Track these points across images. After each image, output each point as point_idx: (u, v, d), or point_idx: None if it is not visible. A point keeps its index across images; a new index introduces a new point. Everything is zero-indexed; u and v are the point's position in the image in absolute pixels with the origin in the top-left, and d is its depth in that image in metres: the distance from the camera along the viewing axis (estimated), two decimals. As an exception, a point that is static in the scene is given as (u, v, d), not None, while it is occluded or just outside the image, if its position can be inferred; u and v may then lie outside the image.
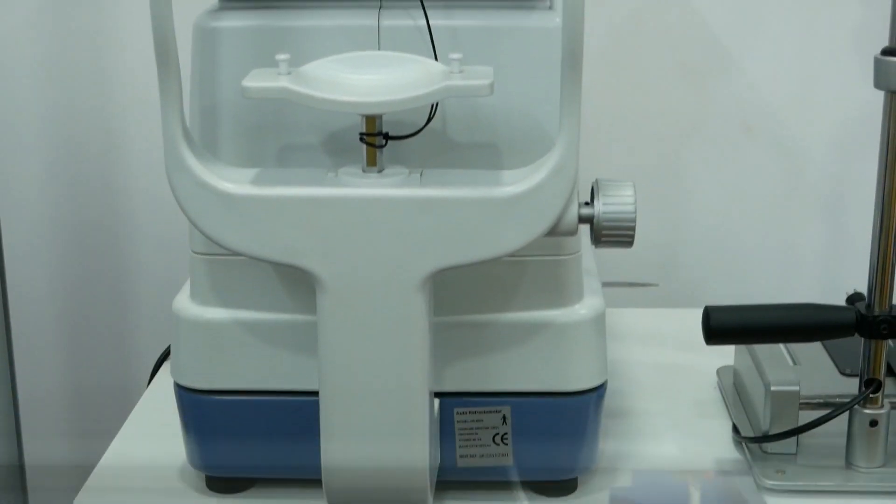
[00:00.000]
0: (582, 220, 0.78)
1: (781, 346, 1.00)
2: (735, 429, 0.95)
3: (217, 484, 0.89)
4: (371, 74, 0.73)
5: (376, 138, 0.76)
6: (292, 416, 0.84)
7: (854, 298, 1.04)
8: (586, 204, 0.78)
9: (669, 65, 1.28)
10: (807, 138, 1.30)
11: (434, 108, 0.79)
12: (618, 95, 1.29)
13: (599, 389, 0.85)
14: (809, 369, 0.97)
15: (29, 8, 1.28)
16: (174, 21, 0.73)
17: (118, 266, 1.36)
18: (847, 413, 0.88)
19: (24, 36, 1.29)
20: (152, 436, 0.97)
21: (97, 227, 1.35)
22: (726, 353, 1.03)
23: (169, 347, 0.98)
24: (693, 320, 0.91)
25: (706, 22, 1.27)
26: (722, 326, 0.87)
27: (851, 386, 0.91)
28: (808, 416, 0.89)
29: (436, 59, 0.78)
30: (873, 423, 0.87)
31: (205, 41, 0.80)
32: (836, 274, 1.33)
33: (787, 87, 1.29)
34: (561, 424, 0.84)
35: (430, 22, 0.78)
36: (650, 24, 1.27)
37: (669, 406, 1.02)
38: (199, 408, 0.85)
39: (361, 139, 0.76)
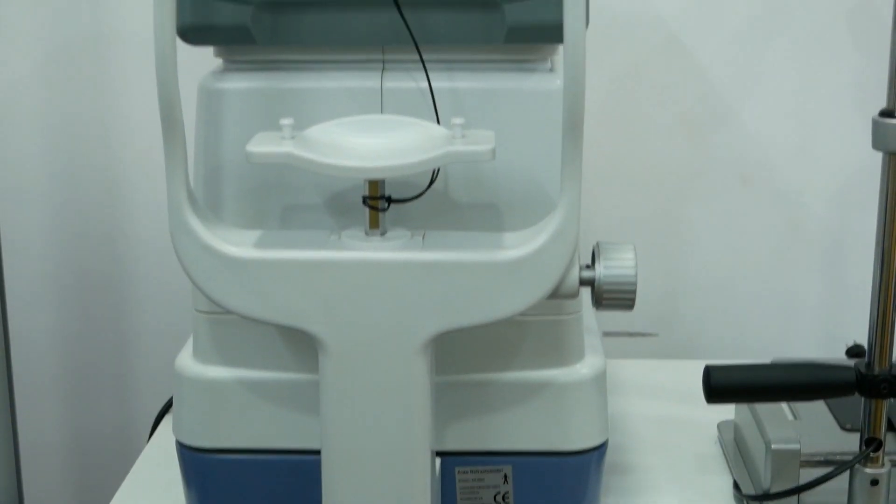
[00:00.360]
0: (583, 282, 0.78)
1: (781, 400, 1.00)
2: (736, 485, 0.95)
3: (219, 541, 0.89)
4: (374, 139, 0.74)
5: (379, 202, 0.76)
6: (295, 475, 0.84)
7: (854, 351, 1.05)
8: (587, 267, 0.79)
9: (669, 117, 1.29)
10: (805, 190, 1.30)
11: (436, 171, 0.79)
12: (618, 147, 1.29)
13: (600, 448, 0.85)
14: (810, 424, 0.97)
15: (34, 62, 1.28)
16: (179, 82, 0.74)
17: (120, 318, 1.36)
18: (848, 471, 0.88)
19: (29, 89, 1.29)
20: (153, 491, 0.96)
21: (100, 279, 1.35)
22: (727, 407, 1.03)
23: (170, 400, 0.98)
24: (693, 372, 0.91)
25: (705, 75, 1.27)
26: (722, 386, 0.87)
27: (852, 441, 0.91)
28: (808, 472, 0.89)
29: (438, 121, 0.78)
30: (874, 482, 0.87)
31: (210, 103, 0.81)
32: (835, 325, 1.33)
33: (785, 140, 1.29)
34: (562, 483, 0.85)
35: (433, 84, 0.79)
36: (649, 78, 1.28)
37: (670, 461, 1.02)
38: (201, 466, 0.85)
39: (364, 202, 0.76)
